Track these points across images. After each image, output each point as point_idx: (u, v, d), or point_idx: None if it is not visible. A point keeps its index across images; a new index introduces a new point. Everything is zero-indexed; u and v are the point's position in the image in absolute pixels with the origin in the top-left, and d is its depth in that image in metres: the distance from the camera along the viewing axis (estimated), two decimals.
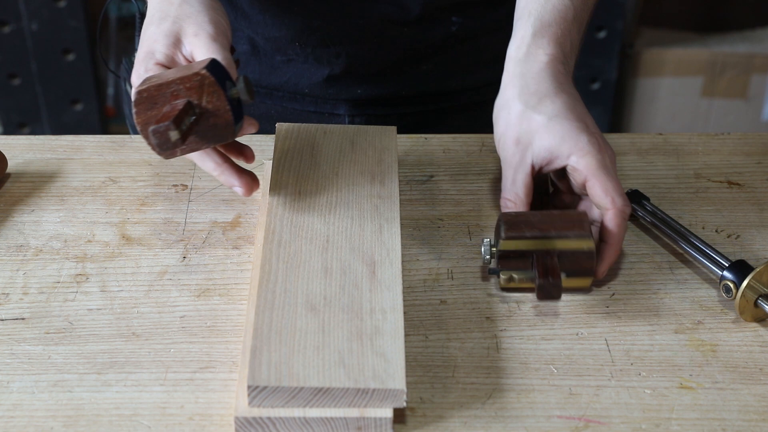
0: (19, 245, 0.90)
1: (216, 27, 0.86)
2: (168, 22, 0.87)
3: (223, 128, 0.81)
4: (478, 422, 0.73)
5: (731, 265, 0.84)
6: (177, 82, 0.79)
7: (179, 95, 0.79)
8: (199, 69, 0.79)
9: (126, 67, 1.18)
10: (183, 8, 0.87)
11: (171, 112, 0.79)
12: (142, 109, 0.80)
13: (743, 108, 2.38)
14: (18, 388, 0.76)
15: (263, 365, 0.71)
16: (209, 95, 0.80)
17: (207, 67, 0.80)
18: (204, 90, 0.79)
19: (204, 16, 0.87)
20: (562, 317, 0.83)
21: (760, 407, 0.75)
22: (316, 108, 1.10)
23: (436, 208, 0.96)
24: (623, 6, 2.23)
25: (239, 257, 0.89)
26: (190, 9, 0.87)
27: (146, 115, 0.81)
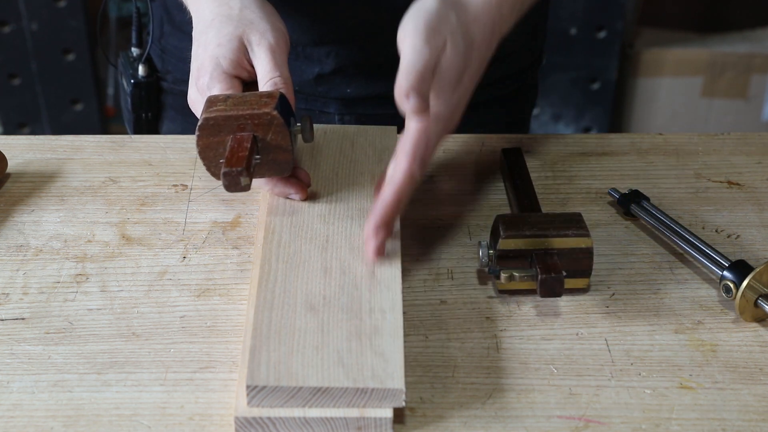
0: (19, 245, 0.90)
1: (277, 35, 0.88)
2: (230, 26, 0.87)
3: (281, 164, 0.84)
4: (478, 422, 0.73)
5: (731, 265, 0.84)
6: (247, 117, 0.81)
7: (245, 128, 0.81)
8: (271, 109, 0.81)
9: (122, 61, 1.19)
10: (244, 13, 0.88)
11: (239, 151, 0.80)
12: (205, 134, 0.82)
13: (743, 108, 2.38)
14: (18, 388, 0.76)
15: (262, 365, 0.71)
16: (275, 134, 0.82)
17: (277, 107, 0.81)
18: (271, 129, 0.82)
19: (266, 24, 0.88)
20: (562, 317, 0.83)
21: (760, 407, 0.75)
22: (306, 105, 1.11)
23: (436, 208, 0.96)
24: (623, 6, 2.23)
25: (239, 257, 0.89)
26: (252, 15, 0.88)
27: (208, 140, 0.82)
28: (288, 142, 0.83)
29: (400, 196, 0.82)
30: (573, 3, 2.22)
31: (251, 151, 0.81)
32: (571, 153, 1.04)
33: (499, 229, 0.84)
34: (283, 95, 0.84)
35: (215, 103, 0.83)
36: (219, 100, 0.83)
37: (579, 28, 2.25)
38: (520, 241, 0.84)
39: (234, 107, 0.82)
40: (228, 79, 0.87)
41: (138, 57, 1.17)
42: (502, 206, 0.97)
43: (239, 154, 0.80)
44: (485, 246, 0.85)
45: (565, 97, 2.34)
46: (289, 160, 0.84)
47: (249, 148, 0.81)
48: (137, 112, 1.17)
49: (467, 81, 0.86)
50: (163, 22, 1.14)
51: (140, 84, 1.16)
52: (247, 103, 0.82)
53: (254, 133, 0.82)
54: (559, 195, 0.98)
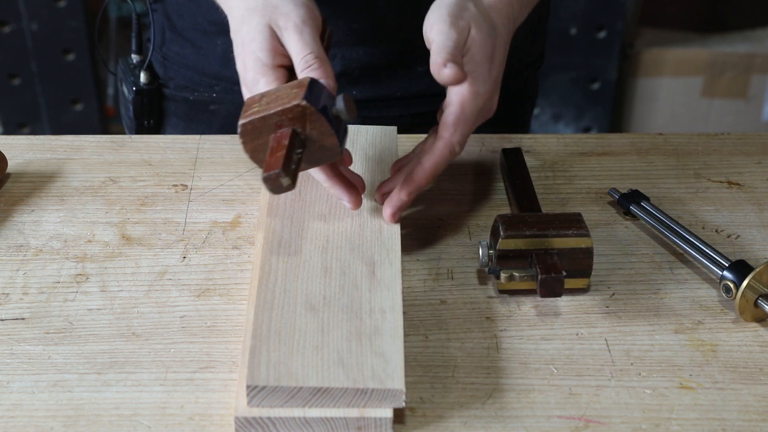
0: (19, 245, 0.90)
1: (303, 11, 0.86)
2: (257, 17, 0.86)
3: (329, 149, 0.82)
4: (478, 422, 0.73)
5: (731, 265, 0.84)
6: (279, 114, 0.80)
7: (283, 124, 0.80)
8: (300, 99, 0.79)
9: (122, 67, 1.18)
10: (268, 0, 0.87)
11: (277, 151, 0.79)
12: (248, 139, 0.81)
13: (743, 108, 2.38)
14: (18, 388, 0.76)
15: (262, 365, 0.71)
16: (312, 123, 0.80)
17: (306, 95, 0.79)
18: (306, 119, 0.80)
19: (289, 4, 0.86)
20: (562, 317, 0.83)
21: (760, 407, 0.75)
22: None
23: (436, 208, 0.96)
24: (623, 6, 2.23)
25: (239, 257, 0.89)
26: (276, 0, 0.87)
27: (253, 144, 0.81)
28: (327, 126, 0.80)
29: (438, 168, 0.85)
30: (573, 3, 2.22)
31: (290, 147, 0.79)
32: (571, 153, 1.04)
33: (499, 229, 0.84)
34: (312, 81, 0.81)
35: (251, 106, 0.81)
36: (255, 101, 0.82)
37: (579, 28, 2.25)
38: (520, 241, 0.84)
39: (267, 106, 0.80)
40: (270, 71, 0.85)
41: (139, 64, 1.16)
42: (502, 206, 0.97)
43: (277, 155, 0.79)
44: (485, 246, 0.85)
45: (565, 97, 2.34)
46: (335, 143, 0.81)
47: (287, 146, 0.79)
48: (139, 120, 1.17)
49: (498, 61, 0.88)
50: (165, 28, 1.14)
51: (142, 91, 1.15)
52: (279, 99, 0.81)
53: (293, 127, 0.80)
54: (559, 195, 0.98)
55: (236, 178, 0.99)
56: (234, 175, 1.00)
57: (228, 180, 0.99)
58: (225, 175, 0.99)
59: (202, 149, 1.03)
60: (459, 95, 0.85)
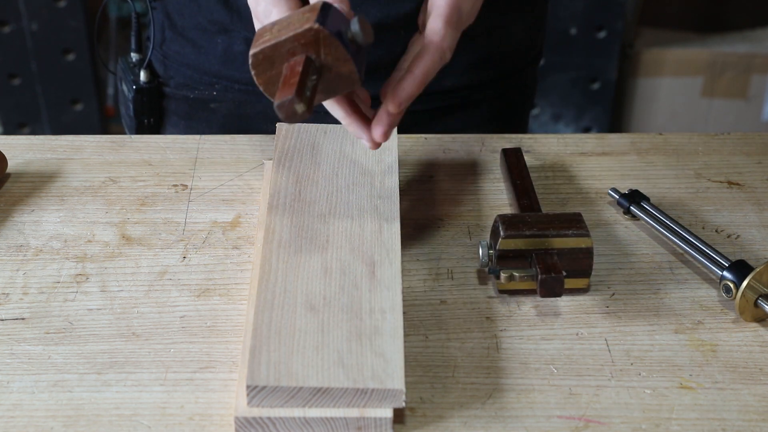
0: (19, 245, 0.90)
1: None
2: None
3: (347, 77, 0.78)
4: (478, 422, 0.73)
5: (731, 265, 0.84)
6: (291, 40, 0.76)
7: (296, 52, 0.76)
8: (312, 23, 0.75)
9: (122, 66, 1.18)
10: None
11: (291, 78, 0.75)
12: (261, 71, 0.78)
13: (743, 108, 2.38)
14: (18, 388, 0.76)
15: (262, 365, 0.71)
16: (326, 47, 0.76)
17: (318, 19, 0.75)
18: (320, 43, 0.76)
19: None
20: (562, 317, 0.83)
21: (760, 407, 0.75)
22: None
23: (436, 208, 0.96)
24: (623, 6, 2.23)
25: (239, 257, 0.89)
26: None
27: (265, 75, 0.78)
28: (343, 51, 0.76)
29: (428, 74, 0.81)
30: (573, 3, 2.22)
31: (303, 74, 0.75)
32: (571, 153, 1.04)
33: (499, 229, 0.84)
34: (325, 4, 0.77)
35: (262, 35, 0.78)
36: (266, 30, 0.78)
37: (579, 28, 2.25)
38: (520, 241, 0.84)
39: (278, 33, 0.77)
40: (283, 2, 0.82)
41: (139, 62, 1.16)
42: (502, 206, 0.97)
43: (290, 81, 0.75)
44: (485, 246, 0.85)
45: (565, 97, 2.34)
46: (352, 70, 0.77)
47: (301, 72, 0.75)
48: (139, 118, 1.16)
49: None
50: (165, 27, 1.14)
51: (142, 90, 1.15)
52: (291, 25, 0.77)
53: (307, 53, 0.76)
54: (559, 195, 0.98)
55: (236, 178, 0.99)
56: (234, 175, 1.00)
57: (228, 180, 0.99)
58: (225, 175, 1.00)
59: (202, 149, 1.03)
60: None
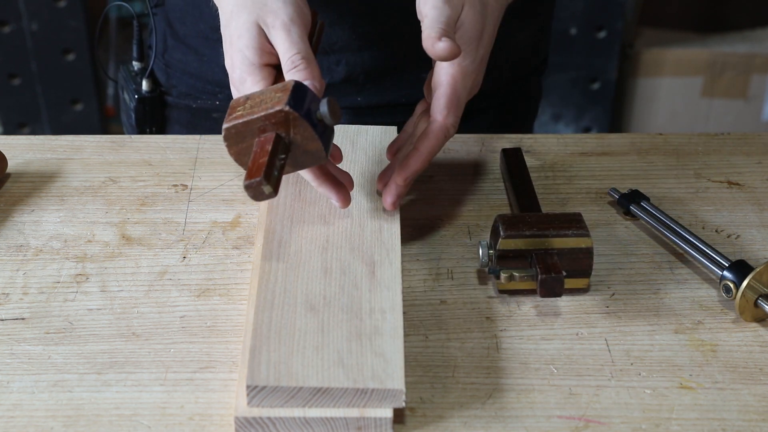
0: (19, 245, 0.90)
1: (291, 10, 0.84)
2: (245, 13, 0.85)
3: (314, 153, 0.81)
4: (478, 422, 0.73)
5: (731, 265, 0.84)
6: (262, 119, 0.79)
7: (266, 129, 0.79)
8: (283, 105, 0.78)
9: (124, 75, 1.18)
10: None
11: (260, 158, 0.78)
12: (233, 143, 0.81)
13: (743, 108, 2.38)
14: (18, 388, 0.76)
15: (262, 365, 0.71)
16: (296, 128, 0.79)
17: (289, 101, 0.79)
18: (290, 124, 0.79)
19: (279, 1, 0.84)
20: (562, 317, 0.83)
21: (760, 407, 0.75)
22: None
23: (436, 208, 0.96)
24: (623, 6, 2.23)
25: (239, 257, 0.89)
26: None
27: (238, 147, 0.81)
28: (311, 131, 0.79)
29: (433, 152, 0.85)
30: (573, 3, 2.22)
31: (273, 153, 0.78)
32: (571, 153, 1.04)
33: (499, 229, 0.84)
34: (297, 84, 0.80)
35: (235, 109, 0.81)
36: (239, 104, 0.81)
37: (579, 28, 2.25)
38: (520, 241, 0.84)
39: (251, 110, 0.80)
40: (257, 70, 0.84)
41: (140, 71, 1.16)
42: (502, 206, 0.97)
43: (259, 161, 0.78)
44: (485, 246, 0.85)
45: (565, 97, 2.34)
46: (319, 148, 0.80)
47: (270, 152, 0.78)
48: (141, 127, 1.16)
49: (486, 39, 0.88)
50: (166, 35, 1.13)
51: (144, 99, 1.15)
52: (263, 103, 0.80)
53: (276, 131, 0.80)
54: (559, 195, 0.98)
55: (236, 178, 0.99)
56: (234, 175, 1.00)
57: (228, 180, 0.99)
58: (225, 175, 1.00)
59: (202, 149, 1.03)
60: (449, 75, 0.84)
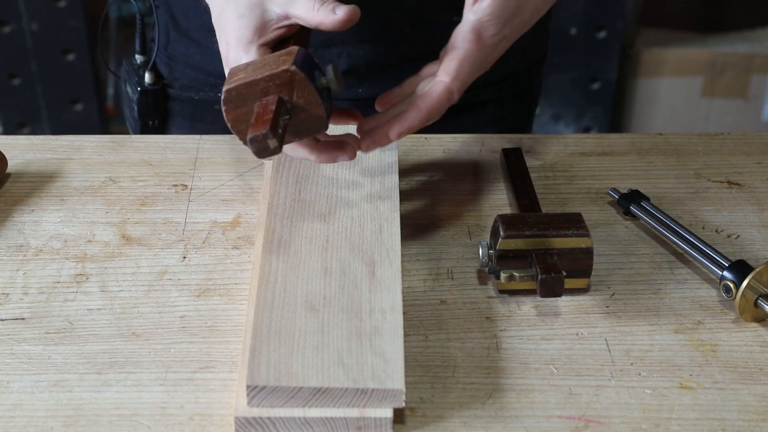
0: (19, 245, 0.90)
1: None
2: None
3: (316, 120, 0.79)
4: (478, 422, 0.73)
5: (731, 265, 0.84)
6: (266, 80, 0.77)
7: (269, 92, 0.78)
8: (289, 65, 0.77)
9: (126, 68, 1.18)
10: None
11: (264, 115, 0.76)
12: (232, 107, 0.79)
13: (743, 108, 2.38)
14: (18, 388, 0.76)
15: (262, 365, 0.71)
16: (300, 90, 0.77)
17: (295, 62, 0.77)
18: (294, 86, 0.77)
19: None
20: (562, 317, 0.83)
21: (760, 407, 0.75)
22: None
23: (436, 208, 0.96)
24: (623, 6, 2.23)
25: (239, 257, 0.89)
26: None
27: (236, 112, 0.79)
28: (315, 95, 0.78)
29: (433, 112, 0.82)
30: (573, 3, 2.22)
31: (277, 112, 0.77)
32: (571, 153, 1.04)
33: (499, 229, 0.84)
34: (300, 50, 0.79)
35: (236, 73, 0.80)
36: (240, 69, 0.80)
37: (579, 28, 2.25)
38: (520, 241, 0.84)
39: (253, 72, 0.78)
40: (254, 48, 0.83)
41: (143, 64, 1.16)
42: (502, 206, 0.97)
43: (264, 118, 0.76)
44: (485, 246, 0.85)
45: (565, 97, 2.34)
46: (321, 114, 0.79)
47: (274, 110, 0.76)
48: (144, 120, 1.16)
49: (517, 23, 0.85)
50: (169, 28, 1.14)
51: (147, 92, 1.15)
52: (267, 66, 0.79)
53: (279, 94, 0.78)
54: (559, 195, 0.98)
55: (236, 178, 0.99)
56: (234, 175, 1.00)
57: (228, 180, 0.99)
58: (225, 175, 1.00)
59: (202, 149, 1.03)
60: (466, 41, 0.82)
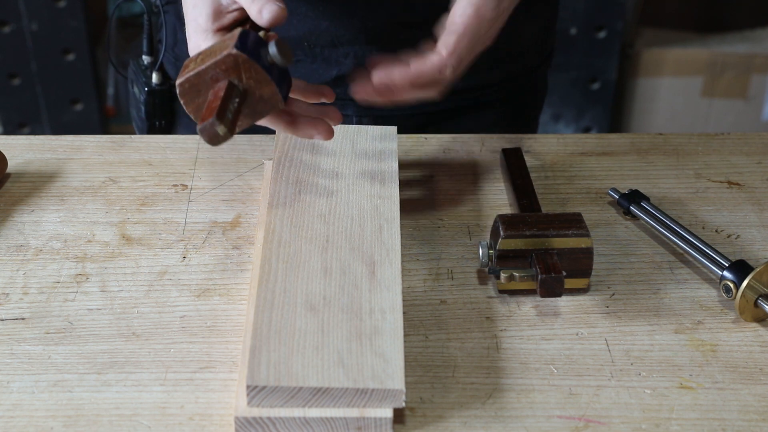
0: (19, 245, 0.90)
1: None
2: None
3: (269, 98, 0.80)
4: (478, 422, 0.73)
5: (731, 265, 0.84)
6: (213, 67, 0.78)
7: (219, 78, 0.78)
8: (231, 49, 0.78)
9: (134, 69, 1.18)
10: None
11: (213, 102, 0.77)
12: (189, 99, 0.80)
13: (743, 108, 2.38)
14: (18, 388, 0.76)
15: (262, 365, 0.71)
16: (247, 71, 0.78)
17: (236, 45, 0.78)
18: (240, 68, 0.78)
19: None
20: (562, 317, 0.83)
21: (760, 407, 0.75)
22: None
23: (436, 208, 0.96)
24: (623, 6, 2.23)
25: (239, 257, 0.89)
26: None
27: (194, 103, 0.80)
28: (263, 74, 0.79)
29: (420, 77, 0.82)
30: (573, 3, 2.22)
31: (225, 98, 0.78)
32: (571, 153, 1.04)
33: (499, 229, 0.84)
34: (244, 31, 0.80)
35: (188, 65, 0.81)
36: (191, 60, 0.81)
37: (579, 28, 2.25)
38: (520, 241, 0.84)
39: (202, 62, 0.80)
40: (210, 35, 0.85)
41: (151, 65, 1.17)
42: (502, 206, 0.97)
43: (212, 106, 0.77)
44: (485, 246, 0.85)
45: (565, 97, 2.34)
46: (274, 91, 0.80)
47: (223, 96, 0.78)
48: (151, 120, 1.17)
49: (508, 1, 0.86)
50: (176, 29, 1.14)
51: (154, 92, 1.15)
52: (213, 54, 0.80)
53: (229, 79, 0.79)
54: (559, 195, 0.98)
55: (236, 178, 0.99)
56: (234, 175, 1.00)
57: (228, 180, 0.99)
58: (225, 175, 1.00)
59: (202, 149, 1.03)
60: (465, 15, 0.82)
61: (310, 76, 1.08)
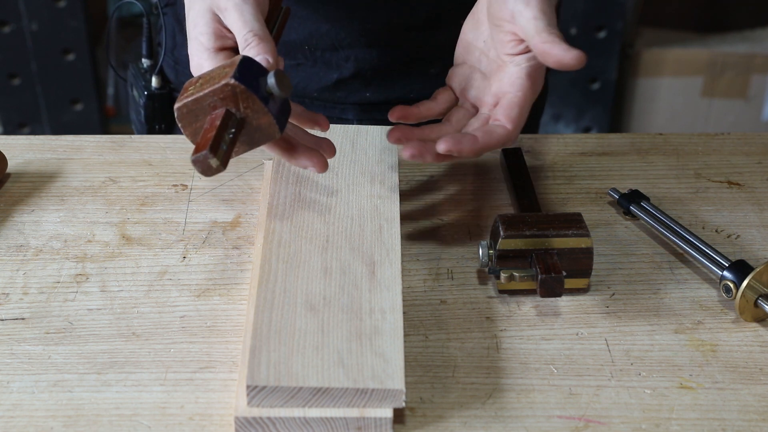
0: (19, 245, 0.90)
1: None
2: (200, 2, 0.85)
3: (267, 128, 0.80)
4: (478, 422, 0.73)
5: (731, 265, 0.84)
6: (210, 95, 0.78)
7: (217, 105, 0.79)
8: (228, 78, 0.78)
9: (133, 72, 1.18)
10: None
11: (208, 132, 0.78)
12: (187, 123, 0.80)
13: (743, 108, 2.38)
14: (18, 388, 0.76)
15: (262, 365, 0.71)
16: (244, 101, 0.78)
17: (235, 74, 0.78)
18: (238, 97, 0.78)
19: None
20: (562, 317, 0.83)
21: (760, 407, 0.75)
22: (324, 112, 1.10)
23: (436, 208, 0.96)
24: (623, 6, 2.23)
25: (239, 257, 0.89)
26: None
27: (192, 127, 0.80)
28: (260, 104, 0.79)
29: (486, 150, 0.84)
30: (573, 3, 2.22)
31: (221, 128, 0.78)
32: (571, 153, 1.04)
33: (499, 229, 0.84)
34: (245, 59, 0.80)
35: (187, 89, 0.81)
36: (191, 83, 0.81)
37: (579, 28, 2.25)
38: (520, 241, 0.84)
39: (201, 87, 0.80)
40: (212, 54, 0.84)
41: (150, 68, 1.16)
42: (502, 206, 0.97)
43: (207, 136, 0.78)
44: (485, 246, 0.85)
45: (565, 97, 2.34)
46: (270, 122, 0.80)
47: (218, 127, 0.78)
48: (150, 124, 1.17)
49: None
50: (176, 32, 1.14)
51: (154, 95, 1.15)
52: (212, 80, 0.80)
53: (226, 107, 0.79)
54: (559, 195, 0.98)
55: (236, 178, 0.99)
56: (234, 175, 1.00)
57: (228, 180, 0.99)
58: (225, 175, 1.00)
59: None
60: (524, 87, 0.85)
61: (311, 79, 1.08)
